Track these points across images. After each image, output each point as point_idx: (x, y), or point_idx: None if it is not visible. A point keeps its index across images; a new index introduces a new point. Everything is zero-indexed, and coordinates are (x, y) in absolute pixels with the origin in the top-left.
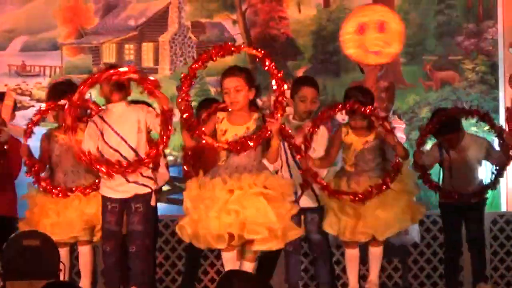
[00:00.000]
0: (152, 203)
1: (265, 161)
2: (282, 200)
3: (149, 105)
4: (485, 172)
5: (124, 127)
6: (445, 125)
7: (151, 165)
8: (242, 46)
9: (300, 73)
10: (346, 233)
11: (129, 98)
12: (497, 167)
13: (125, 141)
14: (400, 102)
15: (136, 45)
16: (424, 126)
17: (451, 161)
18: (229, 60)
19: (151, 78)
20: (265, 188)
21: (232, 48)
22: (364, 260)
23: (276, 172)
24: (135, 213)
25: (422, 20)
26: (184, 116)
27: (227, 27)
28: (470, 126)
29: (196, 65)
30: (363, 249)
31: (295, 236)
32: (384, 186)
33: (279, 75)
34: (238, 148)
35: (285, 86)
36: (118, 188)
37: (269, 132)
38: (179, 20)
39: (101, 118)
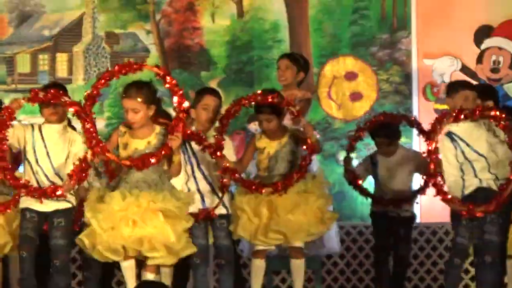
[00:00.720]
0: None
1: None
2: (180, 217)
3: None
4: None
5: (56, 148)
6: (386, 126)
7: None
8: (145, 63)
9: (213, 83)
10: (258, 235)
11: None
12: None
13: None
14: (314, 113)
15: (51, 55)
16: (364, 123)
17: (383, 173)
18: None
19: None
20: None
21: (135, 66)
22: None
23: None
24: (57, 227)
25: (336, 31)
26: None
27: (141, 38)
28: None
29: (99, 84)
30: None
31: (188, 253)
32: (303, 170)
33: (180, 92)
34: (140, 164)
35: (186, 103)
36: (38, 201)
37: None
38: (93, 30)
39: (40, 130)
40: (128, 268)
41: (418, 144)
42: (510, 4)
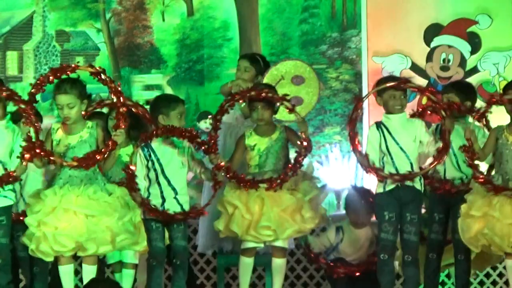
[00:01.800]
0: None
1: None
2: (108, 211)
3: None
4: None
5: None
6: None
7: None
8: (77, 64)
9: (163, 81)
10: (250, 231)
11: None
12: None
13: None
14: None
15: (1, 54)
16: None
17: None
18: None
19: None
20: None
21: (68, 71)
22: None
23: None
24: None
25: (286, 29)
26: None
27: (91, 36)
28: None
29: (35, 90)
30: None
31: (127, 241)
32: (298, 166)
33: (118, 88)
34: (86, 164)
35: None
36: None
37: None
38: (43, 28)
39: None
40: (66, 274)
41: None
42: (459, 2)
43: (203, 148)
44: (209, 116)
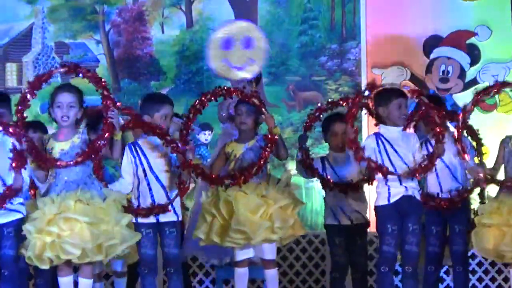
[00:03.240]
0: None
1: None
2: (104, 218)
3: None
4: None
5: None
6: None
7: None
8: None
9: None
10: (226, 236)
11: None
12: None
13: None
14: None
15: (0, 65)
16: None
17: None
18: None
19: None
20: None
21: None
22: None
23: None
24: (7, 237)
25: (285, 41)
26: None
27: (90, 48)
28: None
29: (21, 107)
30: None
31: (119, 249)
32: (262, 162)
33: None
34: (89, 155)
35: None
36: None
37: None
38: (42, 40)
39: None
40: (66, 285)
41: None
42: (458, 14)
43: (171, 146)
44: (181, 114)
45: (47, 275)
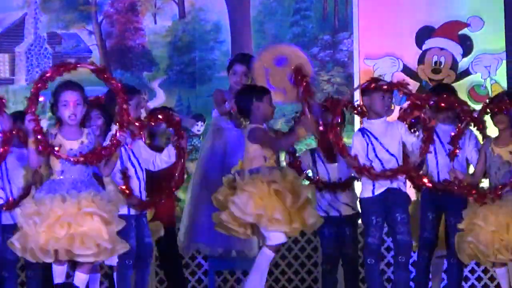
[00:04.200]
0: None
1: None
2: (111, 219)
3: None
4: None
5: None
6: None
7: None
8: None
9: (155, 84)
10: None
11: None
12: None
13: None
14: None
15: None
16: None
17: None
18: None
19: None
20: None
21: (70, 67)
22: None
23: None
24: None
25: (277, 31)
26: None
27: (83, 38)
28: None
29: (41, 85)
30: None
31: (121, 251)
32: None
33: (118, 85)
34: (91, 159)
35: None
36: None
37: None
38: (35, 31)
39: None
40: (61, 273)
41: None
42: (451, 5)
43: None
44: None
45: (38, 268)
